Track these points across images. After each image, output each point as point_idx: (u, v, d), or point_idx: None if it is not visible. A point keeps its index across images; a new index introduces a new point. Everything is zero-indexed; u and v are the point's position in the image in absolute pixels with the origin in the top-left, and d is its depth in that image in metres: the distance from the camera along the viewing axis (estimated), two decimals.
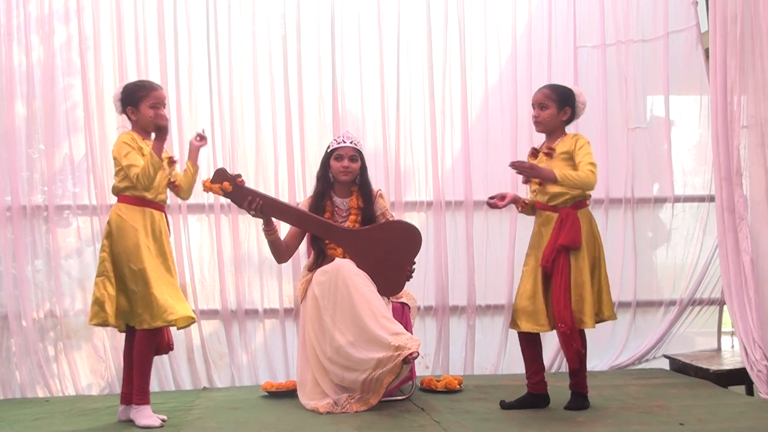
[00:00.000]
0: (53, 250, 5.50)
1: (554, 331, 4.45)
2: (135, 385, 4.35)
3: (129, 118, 4.45)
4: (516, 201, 4.62)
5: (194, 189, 4.66)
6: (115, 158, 4.35)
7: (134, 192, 4.32)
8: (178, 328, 4.40)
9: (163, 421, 4.37)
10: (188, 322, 4.38)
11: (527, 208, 4.66)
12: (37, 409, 4.96)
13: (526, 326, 4.43)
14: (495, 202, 4.58)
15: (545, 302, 4.41)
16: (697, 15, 5.91)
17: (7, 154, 5.45)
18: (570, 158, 4.44)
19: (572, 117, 4.57)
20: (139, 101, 4.38)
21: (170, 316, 4.26)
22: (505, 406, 4.56)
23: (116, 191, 4.39)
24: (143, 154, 4.30)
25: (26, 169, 5.52)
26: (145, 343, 4.32)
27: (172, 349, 4.59)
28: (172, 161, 4.51)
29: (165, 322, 4.27)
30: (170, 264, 4.42)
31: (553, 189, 4.45)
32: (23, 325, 5.42)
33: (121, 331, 4.49)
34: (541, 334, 4.51)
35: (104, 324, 4.34)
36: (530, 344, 4.53)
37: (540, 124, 4.55)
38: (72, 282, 5.58)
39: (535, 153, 4.61)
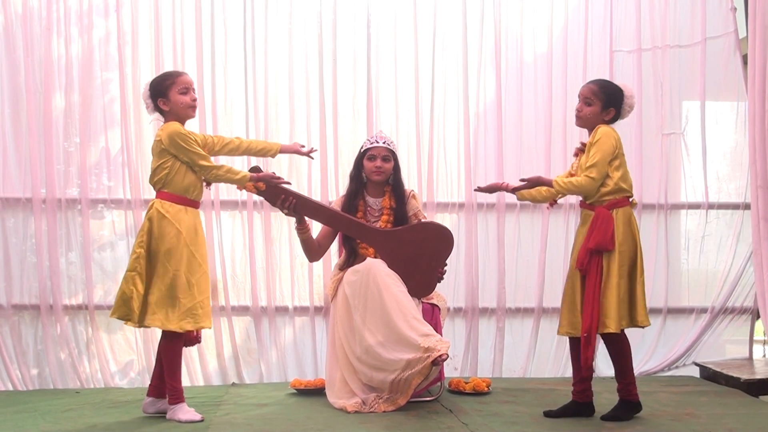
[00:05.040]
0: (86, 242, 5.56)
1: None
2: (167, 385, 4.36)
3: (161, 111, 4.41)
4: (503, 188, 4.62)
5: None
6: (162, 150, 4.30)
7: (175, 189, 4.32)
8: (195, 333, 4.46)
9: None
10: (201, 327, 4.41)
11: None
12: (68, 400, 5.02)
13: (564, 330, 4.39)
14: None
15: (581, 305, 4.32)
16: (735, 21, 5.86)
17: (44, 147, 5.51)
18: None
19: (616, 118, 4.40)
20: (167, 90, 4.36)
21: (188, 323, 4.30)
22: (549, 414, 4.45)
23: (158, 186, 4.35)
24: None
25: (62, 162, 5.58)
26: (168, 343, 4.35)
27: (199, 341, 4.60)
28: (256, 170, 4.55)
29: (180, 327, 4.28)
30: (202, 263, 4.40)
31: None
32: (56, 317, 5.49)
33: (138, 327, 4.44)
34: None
35: (125, 319, 4.33)
36: (577, 349, 4.42)
37: (580, 119, 4.41)
38: (105, 275, 5.63)
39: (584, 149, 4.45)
